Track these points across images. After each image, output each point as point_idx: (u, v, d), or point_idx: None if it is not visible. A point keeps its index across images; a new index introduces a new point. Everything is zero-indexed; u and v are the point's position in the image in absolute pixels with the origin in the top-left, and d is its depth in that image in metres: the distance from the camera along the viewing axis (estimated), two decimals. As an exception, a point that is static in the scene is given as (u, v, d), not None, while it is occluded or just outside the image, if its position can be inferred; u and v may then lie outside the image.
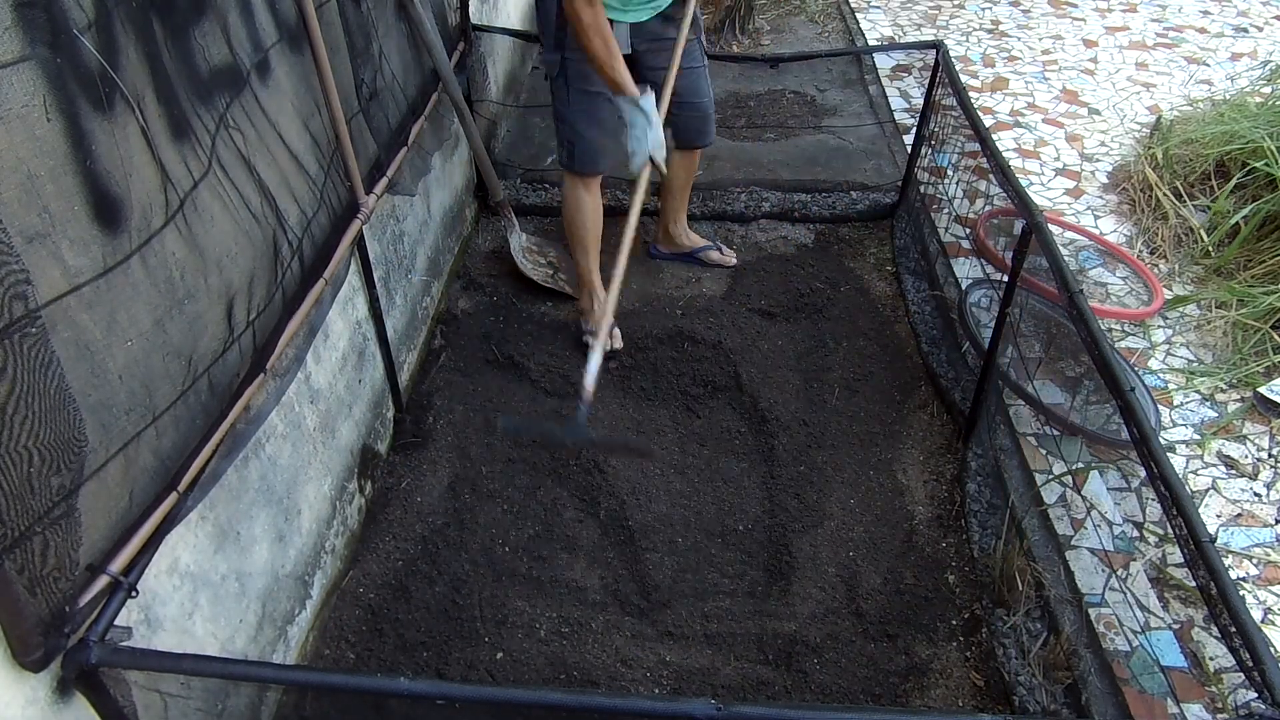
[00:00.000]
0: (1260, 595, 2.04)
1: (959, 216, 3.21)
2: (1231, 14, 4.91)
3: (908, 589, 2.08)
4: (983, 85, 4.20)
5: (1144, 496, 2.23)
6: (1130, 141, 3.73)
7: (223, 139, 1.46)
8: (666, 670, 1.91)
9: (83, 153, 1.11)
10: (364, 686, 1.20)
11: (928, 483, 2.34)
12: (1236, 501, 2.25)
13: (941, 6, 5.04)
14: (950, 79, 2.71)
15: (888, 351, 2.74)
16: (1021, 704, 1.83)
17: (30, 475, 1.05)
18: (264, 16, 1.62)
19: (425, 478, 2.33)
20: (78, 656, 1.15)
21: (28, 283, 1.03)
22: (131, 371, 1.23)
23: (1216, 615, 1.29)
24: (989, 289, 2.79)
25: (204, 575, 1.51)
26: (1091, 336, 1.73)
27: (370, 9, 2.11)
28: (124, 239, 1.20)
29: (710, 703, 1.09)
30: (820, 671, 1.91)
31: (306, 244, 1.78)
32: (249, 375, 1.56)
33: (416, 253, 2.65)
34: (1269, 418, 2.47)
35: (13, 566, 1.04)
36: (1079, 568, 2.04)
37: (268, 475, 1.73)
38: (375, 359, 2.30)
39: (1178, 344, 2.73)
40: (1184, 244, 3.10)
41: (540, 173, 3.50)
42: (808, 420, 2.50)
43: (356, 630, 1.98)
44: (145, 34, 1.25)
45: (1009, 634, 1.96)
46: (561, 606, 2.03)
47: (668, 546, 2.16)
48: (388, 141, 2.26)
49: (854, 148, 3.71)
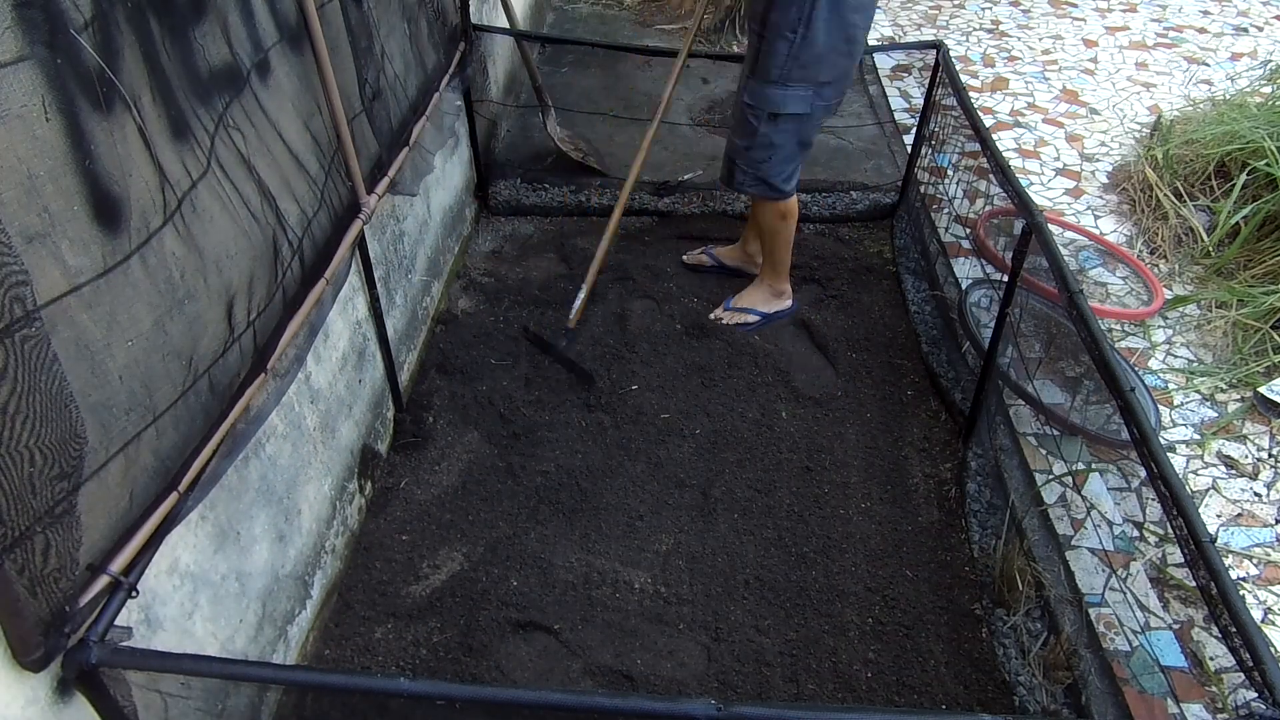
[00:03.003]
0: (1260, 595, 2.04)
1: (959, 216, 3.21)
2: (1231, 14, 4.91)
3: (907, 588, 2.08)
4: (983, 85, 4.20)
5: (1144, 496, 2.23)
6: (1130, 141, 3.73)
7: (222, 139, 1.46)
8: (673, 662, 1.91)
9: (82, 152, 1.11)
10: (364, 687, 1.20)
11: (927, 482, 2.34)
12: (1236, 501, 2.25)
13: (941, 6, 5.04)
14: (950, 79, 2.71)
15: (888, 351, 2.74)
16: (1021, 704, 1.83)
17: (30, 475, 1.05)
18: (264, 16, 1.62)
19: (425, 477, 2.33)
20: (78, 656, 1.15)
21: (27, 283, 1.03)
22: (131, 371, 1.23)
23: (1217, 615, 1.29)
24: (989, 289, 2.79)
25: (204, 575, 1.51)
26: (1091, 336, 1.73)
27: (372, 8, 2.11)
28: (124, 239, 1.20)
29: (710, 703, 1.09)
30: (819, 671, 1.91)
31: (307, 244, 1.78)
32: (249, 375, 1.56)
33: (417, 253, 2.65)
34: (1269, 418, 2.47)
35: (13, 566, 1.04)
36: (1079, 568, 2.04)
37: (268, 475, 1.73)
38: (375, 359, 2.30)
39: (1178, 344, 2.73)
40: (1184, 244, 3.10)
41: (540, 172, 3.50)
42: (807, 420, 2.50)
43: (357, 630, 1.98)
44: (144, 34, 1.25)
45: (1009, 634, 1.96)
46: (562, 607, 2.03)
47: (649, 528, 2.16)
48: (389, 141, 2.26)
49: (854, 148, 3.71)
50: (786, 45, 2.25)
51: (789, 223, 2.65)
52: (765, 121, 2.38)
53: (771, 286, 2.82)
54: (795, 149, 2.46)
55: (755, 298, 2.84)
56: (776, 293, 2.83)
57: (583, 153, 3.55)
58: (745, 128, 2.44)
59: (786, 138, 2.41)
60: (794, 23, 2.22)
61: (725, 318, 2.82)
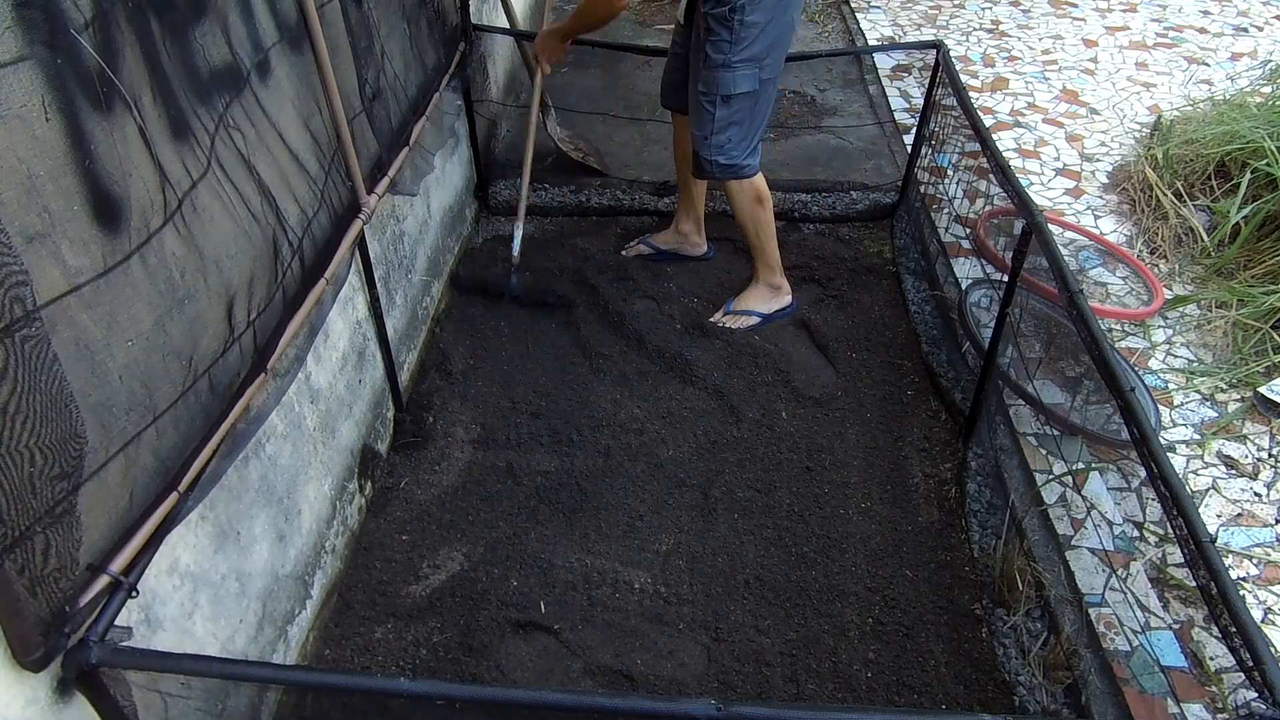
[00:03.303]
0: (1260, 595, 2.04)
1: (959, 216, 3.21)
2: (1231, 14, 4.91)
3: (907, 588, 2.08)
4: (983, 85, 4.20)
5: (1144, 496, 2.23)
6: (1130, 141, 3.73)
7: (222, 139, 1.46)
8: (673, 662, 1.91)
9: (82, 152, 1.11)
10: (364, 687, 1.20)
11: (927, 482, 2.34)
12: (1236, 501, 2.25)
13: (941, 6, 5.04)
14: (950, 79, 2.71)
15: (888, 351, 2.74)
16: (1021, 704, 1.83)
17: (30, 475, 1.05)
18: (264, 16, 1.62)
19: (425, 477, 2.33)
20: (78, 656, 1.15)
21: (28, 283, 1.03)
22: (131, 371, 1.23)
23: (1217, 615, 1.29)
24: (989, 289, 2.79)
25: (204, 575, 1.51)
26: (1091, 336, 1.73)
27: (372, 8, 2.11)
28: (124, 239, 1.20)
29: (710, 703, 1.09)
30: (819, 671, 1.91)
31: (307, 244, 1.78)
32: (249, 375, 1.56)
33: (417, 253, 2.65)
34: (1269, 418, 2.47)
35: (13, 566, 1.04)
36: (1079, 568, 2.04)
37: (268, 475, 1.73)
38: (375, 359, 2.30)
39: (1178, 344, 2.73)
40: (1184, 244, 3.10)
41: (540, 172, 3.50)
42: (807, 420, 2.50)
43: (357, 630, 1.98)
44: (144, 33, 1.25)
45: (1009, 634, 1.96)
46: (562, 607, 2.03)
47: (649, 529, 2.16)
48: (389, 141, 2.26)
49: (854, 148, 3.71)
50: (727, 30, 2.37)
51: (766, 208, 2.70)
52: (720, 105, 2.48)
53: (768, 284, 2.84)
54: (751, 124, 2.55)
55: (753, 299, 2.84)
56: (773, 290, 2.84)
57: (583, 153, 3.57)
58: (703, 116, 2.53)
59: (742, 115, 2.51)
60: (728, 10, 2.35)
61: (726, 321, 2.82)
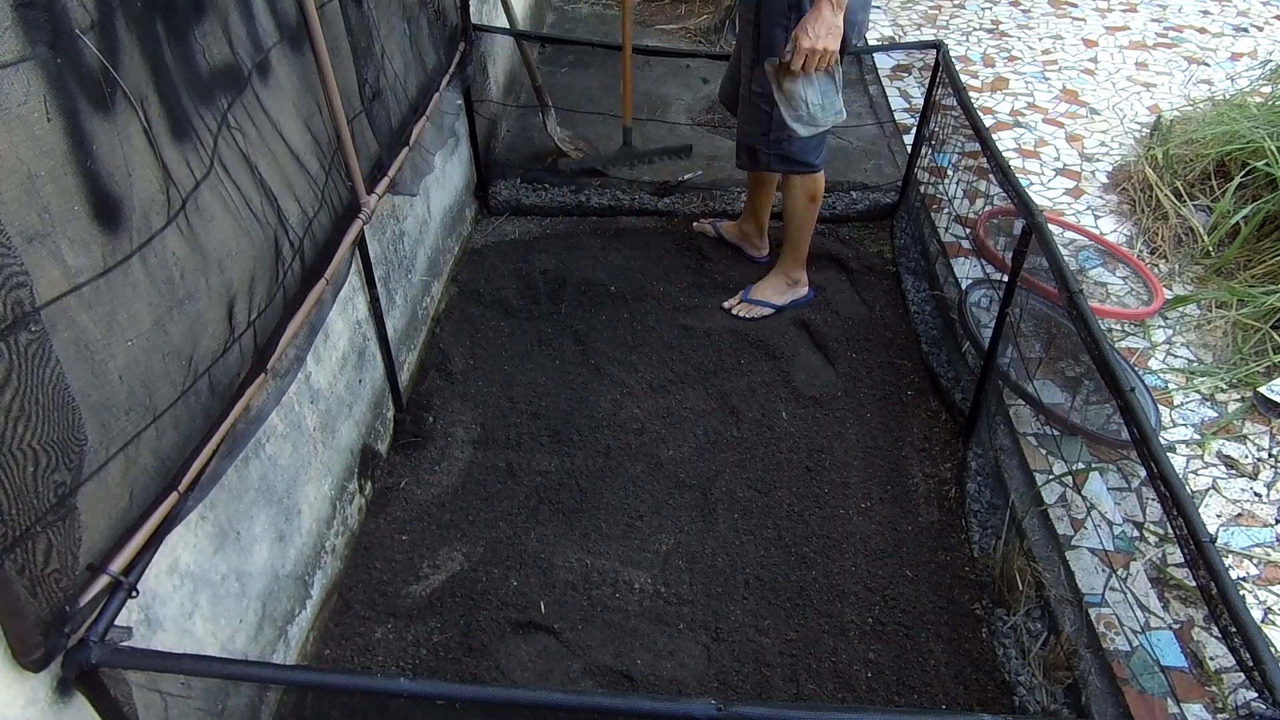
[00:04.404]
0: (1260, 595, 2.04)
1: (959, 216, 3.21)
2: (1231, 14, 4.91)
3: (907, 588, 2.08)
4: (983, 85, 4.20)
5: (1144, 496, 2.23)
6: (1130, 141, 3.73)
7: (224, 139, 1.46)
8: (673, 662, 1.91)
9: (83, 152, 1.11)
10: (364, 687, 1.20)
11: (928, 482, 2.34)
12: (1236, 501, 2.25)
13: (941, 6, 5.04)
14: (950, 79, 2.71)
15: (888, 351, 2.74)
16: (1021, 704, 1.83)
17: (31, 475, 1.05)
18: (265, 16, 1.62)
19: (425, 477, 2.33)
20: (78, 656, 1.15)
21: (28, 283, 1.03)
22: (131, 371, 1.23)
23: (1217, 615, 1.29)
24: (989, 289, 2.79)
25: (204, 575, 1.51)
26: (1091, 336, 1.73)
27: (372, 8, 2.11)
28: (124, 239, 1.20)
29: (710, 703, 1.09)
30: (819, 671, 1.91)
31: (307, 244, 1.78)
32: (249, 375, 1.56)
33: (417, 253, 2.65)
34: (1269, 418, 2.47)
35: (13, 566, 1.04)
36: (1079, 568, 2.04)
37: (268, 475, 1.73)
38: (375, 359, 2.30)
39: (1178, 344, 2.73)
40: (1184, 244, 3.10)
41: (540, 172, 3.51)
42: (807, 420, 2.50)
43: (357, 630, 1.98)
44: (147, 34, 1.25)
45: (1009, 634, 1.96)
46: (562, 607, 2.03)
47: (649, 529, 2.16)
48: (389, 141, 2.26)
49: (854, 148, 3.71)
50: (782, 32, 2.36)
51: (815, 208, 2.72)
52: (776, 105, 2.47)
53: (788, 275, 2.87)
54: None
55: (770, 290, 2.87)
56: (792, 282, 2.87)
57: (583, 153, 3.59)
58: (757, 115, 2.52)
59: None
60: (786, 9, 2.33)
61: (740, 309, 2.85)
